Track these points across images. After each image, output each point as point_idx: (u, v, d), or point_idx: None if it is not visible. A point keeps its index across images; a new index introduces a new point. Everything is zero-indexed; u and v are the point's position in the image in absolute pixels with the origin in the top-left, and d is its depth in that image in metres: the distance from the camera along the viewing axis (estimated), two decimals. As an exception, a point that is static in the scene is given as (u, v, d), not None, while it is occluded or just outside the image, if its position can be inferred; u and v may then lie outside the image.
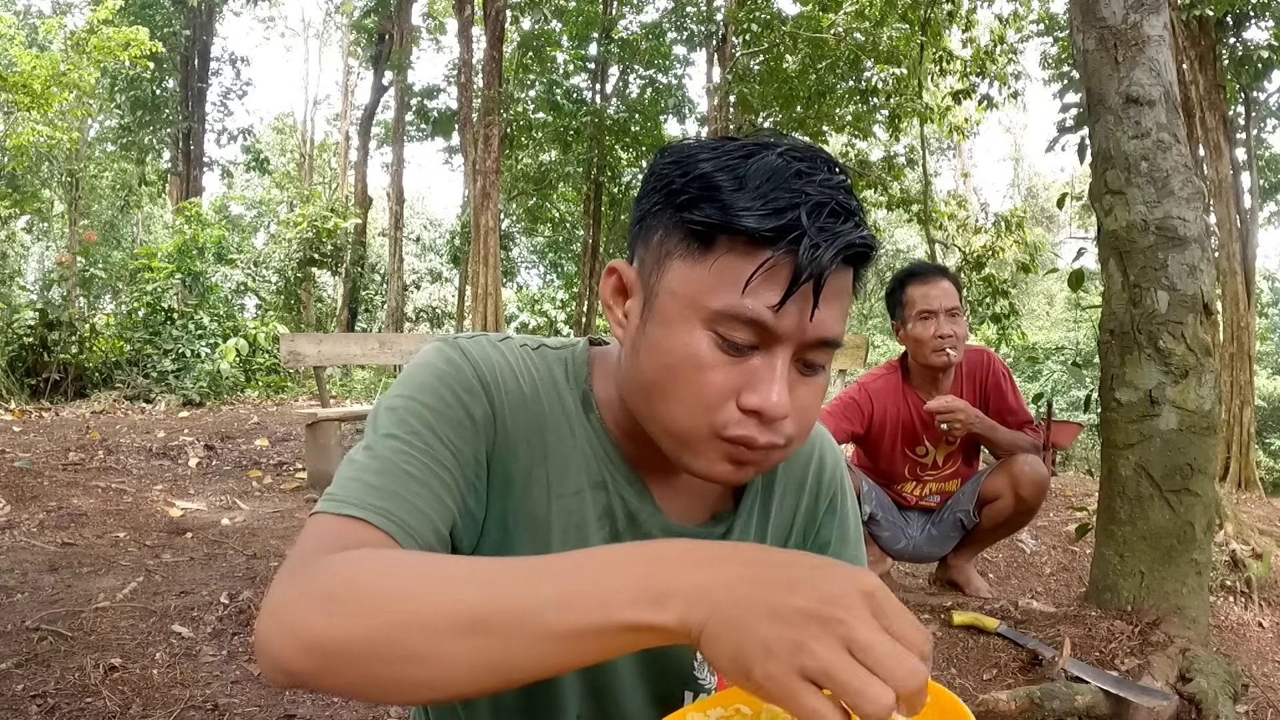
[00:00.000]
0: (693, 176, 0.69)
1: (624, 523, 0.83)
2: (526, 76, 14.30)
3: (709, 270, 0.68)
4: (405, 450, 0.71)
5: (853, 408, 2.87)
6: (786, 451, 0.74)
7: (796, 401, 0.71)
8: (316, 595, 0.57)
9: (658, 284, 0.72)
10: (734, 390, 0.69)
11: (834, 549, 0.93)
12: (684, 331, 0.69)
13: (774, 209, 0.65)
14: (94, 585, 2.94)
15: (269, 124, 28.13)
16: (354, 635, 0.54)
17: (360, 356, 6.26)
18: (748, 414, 0.69)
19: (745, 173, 0.67)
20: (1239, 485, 7.81)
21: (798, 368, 0.72)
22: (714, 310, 0.68)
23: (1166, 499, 2.51)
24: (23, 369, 8.54)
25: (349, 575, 0.58)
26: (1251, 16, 8.29)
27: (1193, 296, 2.53)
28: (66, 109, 10.96)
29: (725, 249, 0.68)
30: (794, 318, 0.67)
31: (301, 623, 0.56)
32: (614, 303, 0.78)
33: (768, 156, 0.68)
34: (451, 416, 0.74)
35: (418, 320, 20.25)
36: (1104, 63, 2.68)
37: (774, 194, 0.66)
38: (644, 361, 0.73)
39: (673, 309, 0.70)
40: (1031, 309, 23.93)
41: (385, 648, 0.54)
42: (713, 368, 0.69)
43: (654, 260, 0.73)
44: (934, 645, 2.48)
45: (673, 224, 0.71)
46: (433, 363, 0.77)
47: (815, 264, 0.65)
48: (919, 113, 9.67)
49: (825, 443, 0.95)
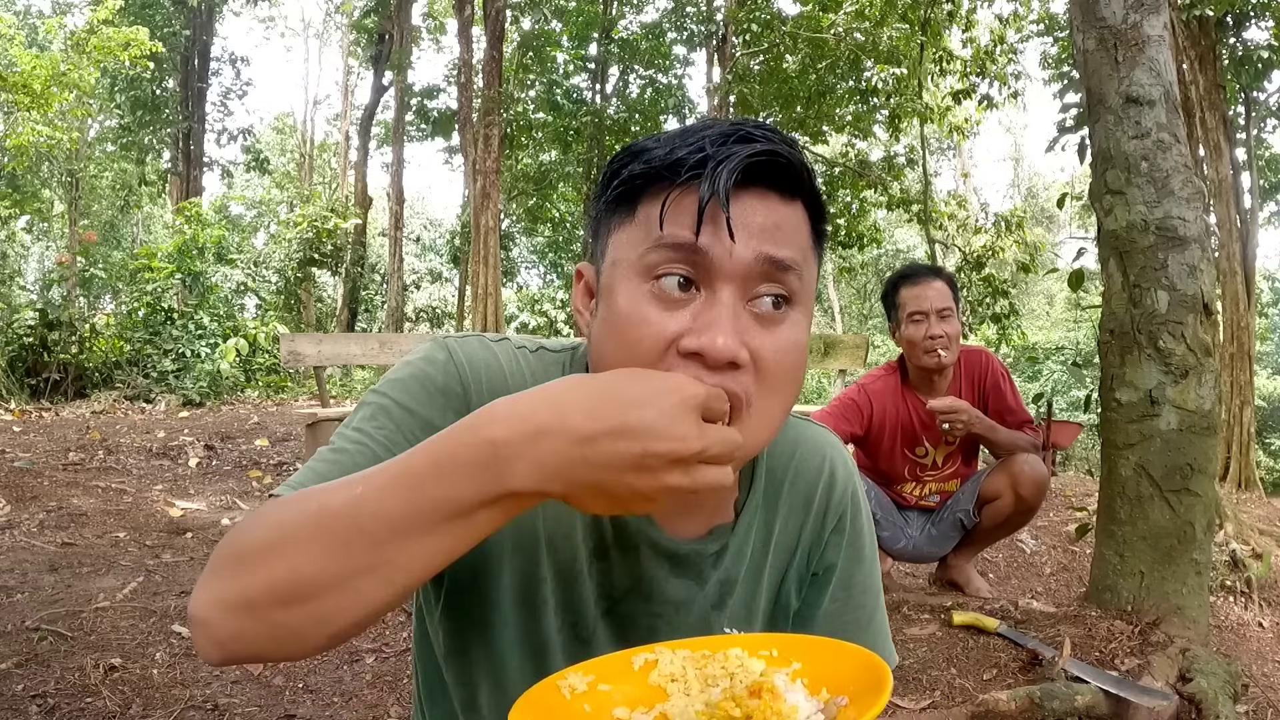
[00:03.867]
0: (626, 152, 0.72)
1: (611, 533, 0.81)
2: (526, 76, 14.30)
3: (635, 223, 0.70)
4: (363, 443, 0.72)
5: (851, 408, 2.88)
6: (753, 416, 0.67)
7: (756, 353, 0.67)
8: (222, 562, 0.61)
9: (604, 263, 0.73)
10: (673, 336, 0.66)
11: (844, 568, 0.90)
12: (624, 292, 0.69)
13: (684, 145, 0.68)
14: (94, 585, 2.94)
15: (269, 124, 28.14)
16: (261, 588, 0.58)
17: (360, 356, 6.25)
18: (688, 358, 0.66)
19: (670, 134, 0.70)
20: (1239, 485, 7.80)
21: (753, 312, 0.68)
22: (642, 255, 0.68)
23: (1166, 499, 2.51)
24: (23, 369, 8.54)
25: (242, 535, 0.61)
26: (1251, 16, 8.29)
27: (1193, 296, 2.53)
28: (66, 109, 10.96)
29: (647, 199, 0.69)
30: (715, 239, 0.66)
31: (216, 589, 0.60)
32: (583, 305, 0.78)
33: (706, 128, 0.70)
34: (421, 415, 0.75)
35: (418, 320, 20.24)
36: (1104, 63, 2.68)
37: (690, 138, 0.68)
38: (598, 343, 0.73)
39: (615, 277, 0.71)
40: (1031, 309, 23.93)
41: (289, 590, 0.57)
42: (649, 320, 0.67)
43: (601, 246, 0.74)
44: (931, 645, 2.47)
45: (610, 202, 0.72)
46: (415, 362, 0.79)
47: (715, 179, 0.65)
48: (919, 113, 9.67)
49: (837, 459, 0.91)
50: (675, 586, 0.83)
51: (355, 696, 2.27)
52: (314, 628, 0.58)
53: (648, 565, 0.81)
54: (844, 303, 24.01)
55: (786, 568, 0.88)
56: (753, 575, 0.86)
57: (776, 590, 0.89)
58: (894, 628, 2.58)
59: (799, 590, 0.90)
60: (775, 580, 0.88)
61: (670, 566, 0.82)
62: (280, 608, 0.58)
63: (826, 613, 0.89)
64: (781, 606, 0.89)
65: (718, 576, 0.84)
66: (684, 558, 0.82)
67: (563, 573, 0.80)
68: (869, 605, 0.91)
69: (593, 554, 0.81)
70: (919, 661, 2.35)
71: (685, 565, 0.82)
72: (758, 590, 0.87)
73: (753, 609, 0.87)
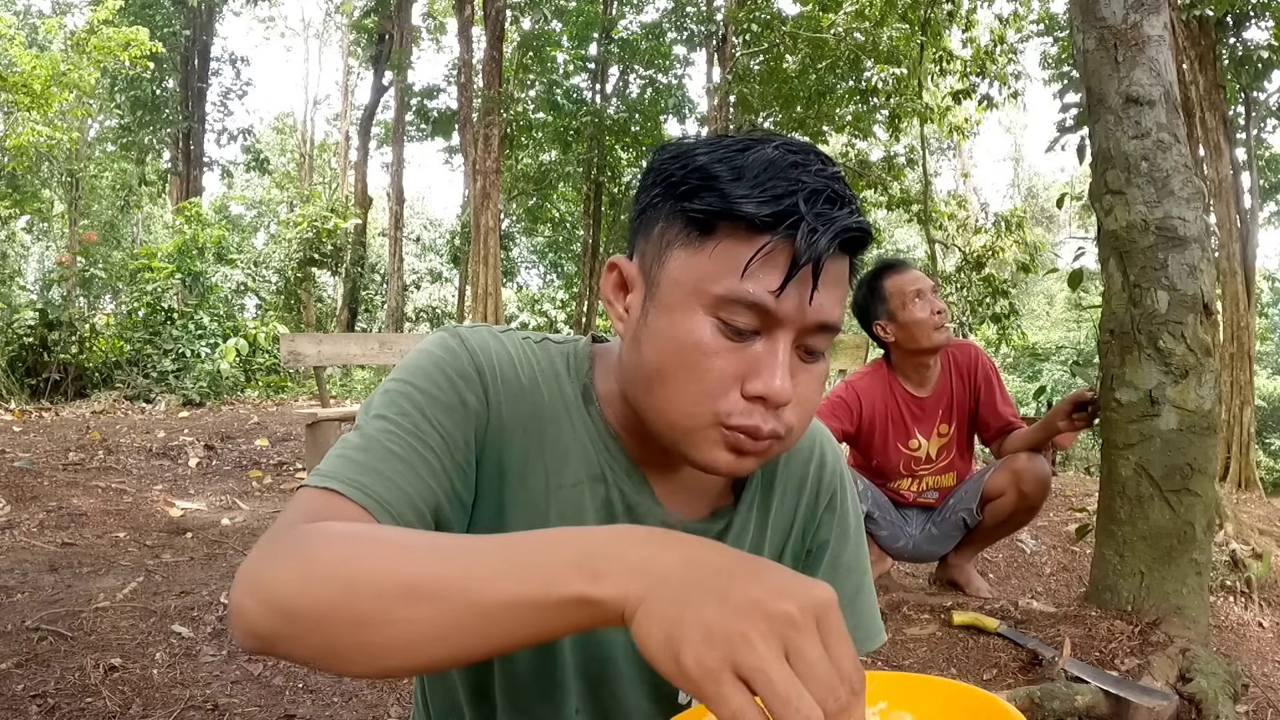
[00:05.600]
0: (692, 168, 0.71)
1: (622, 516, 0.83)
2: (526, 76, 14.31)
3: (709, 257, 0.70)
4: (392, 430, 0.73)
5: (840, 406, 2.87)
6: (786, 443, 0.74)
7: (797, 389, 0.72)
8: (283, 562, 0.59)
9: (659, 274, 0.73)
10: (737, 377, 0.70)
11: (834, 546, 0.94)
12: (687, 318, 0.70)
13: (772, 195, 0.67)
14: (94, 585, 2.94)
15: (269, 124, 28.15)
16: (314, 600, 0.56)
17: (360, 356, 6.25)
18: (752, 401, 0.70)
19: (742, 163, 0.69)
20: (1239, 485, 7.81)
21: (798, 354, 0.72)
22: (716, 295, 0.69)
23: (1166, 499, 2.51)
24: (23, 369, 8.54)
25: (313, 544, 0.59)
26: (1251, 16, 8.29)
27: (1193, 296, 2.53)
28: (66, 109, 10.97)
29: (725, 235, 0.69)
30: (794, 301, 0.68)
31: (269, 587, 0.58)
32: (614, 298, 0.79)
33: (764, 149, 0.70)
34: (443, 400, 0.76)
35: (418, 320, 20.25)
36: (1104, 63, 2.68)
37: (771, 182, 0.68)
38: (647, 351, 0.73)
39: (675, 297, 0.71)
40: (1031, 309, 23.93)
41: (341, 612, 0.55)
42: (716, 354, 0.70)
43: (655, 252, 0.74)
44: (931, 645, 2.47)
45: (673, 214, 0.72)
46: (430, 349, 0.79)
47: (813, 248, 0.66)
48: (919, 113, 9.67)
49: (825, 440, 0.95)
50: None
51: (355, 696, 2.27)
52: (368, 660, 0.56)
53: None
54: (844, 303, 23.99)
55: (783, 546, 0.92)
56: (754, 552, 0.89)
57: None
58: (894, 628, 2.59)
59: (795, 567, 0.93)
60: (774, 558, 0.91)
61: None
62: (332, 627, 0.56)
63: None
64: None
65: None
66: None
67: None
68: (855, 583, 0.94)
69: None
70: (919, 661, 2.35)
71: None
72: None
73: None
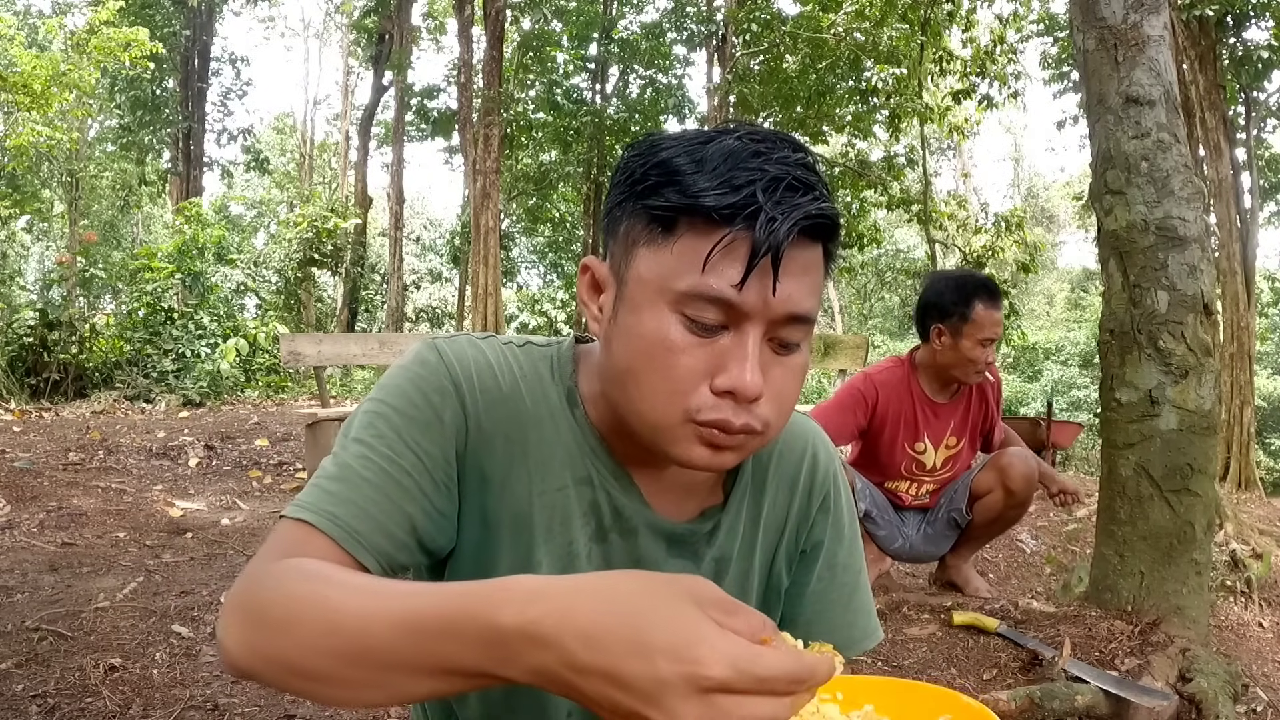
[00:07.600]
0: (653, 164, 0.71)
1: (610, 518, 0.83)
2: (526, 76, 14.31)
3: (672, 253, 0.69)
4: (366, 455, 0.74)
5: (857, 397, 2.84)
6: (765, 437, 0.73)
7: (772, 383, 0.71)
8: (248, 610, 0.63)
9: (627, 273, 0.73)
10: (706, 372, 0.70)
11: (829, 546, 0.93)
12: (653, 316, 0.70)
13: (731, 186, 0.66)
14: (94, 585, 2.94)
15: (269, 124, 28.12)
16: (274, 653, 0.60)
17: (360, 356, 6.25)
18: (721, 396, 0.69)
19: (703, 155, 0.68)
20: (1239, 485, 7.82)
21: (771, 347, 0.71)
22: (679, 292, 0.69)
23: (1166, 499, 2.51)
24: (23, 369, 8.54)
25: (269, 596, 0.62)
26: (1251, 16, 8.29)
27: (1193, 296, 2.53)
28: (66, 109, 10.96)
29: (686, 230, 0.69)
30: (758, 293, 0.68)
31: (240, 632, 0.62)
32: (589, 299, 0.79)
33: (725, 140, 0.69)
34: (420, 419, 0.76)
35: (418, 320, 20.25)
36: (1104, 63, 2.68)
37: (731, 173, 0.67)
38: (617, 350, 0.74)
39: (641, 295, 0.71)
40: (1031, 309, 23.95)
41: (298, 667, 0.59)
42: (683, 350, 0.69)
43: (622, 251, 0.74)
44: (931, 646, 2.47)
45: (637, 212, 0.72)
46: (407, 365, 0.80)
47: (772, 237, 0.65)
48: (919, 113, 9.67)
49: (818, 440, 0.95)
50: (673, 566, 0.85)
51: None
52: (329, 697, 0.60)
53: (646, 546, 0.84)
54: (844, 303, 24.00)
55: (776, 546, 0.92)
56: (745, 553, 0.89)
57: (768, 568, 0.92)
58: (894, 628, 2.59)
59: (789, 568, 0.94)
60: (767, 559, 0.92)
61: (667, 546, 0.85)
62: (294, 678, 0.60)
63: (813, 590, 0.93)
64: (774, 585, 0.93)
65: (712, 554, 0.87)
66: (680, 537, 0.85)
67: (561, 557, 0.82)
68: (850, 582, 0.94)
69: (593, 538, 0.83)
70: (919, 661, 2.35)
71: (682, 545, 0.86)
72: (750, 568, 0.90)
73: (746, 587, 0.90)
